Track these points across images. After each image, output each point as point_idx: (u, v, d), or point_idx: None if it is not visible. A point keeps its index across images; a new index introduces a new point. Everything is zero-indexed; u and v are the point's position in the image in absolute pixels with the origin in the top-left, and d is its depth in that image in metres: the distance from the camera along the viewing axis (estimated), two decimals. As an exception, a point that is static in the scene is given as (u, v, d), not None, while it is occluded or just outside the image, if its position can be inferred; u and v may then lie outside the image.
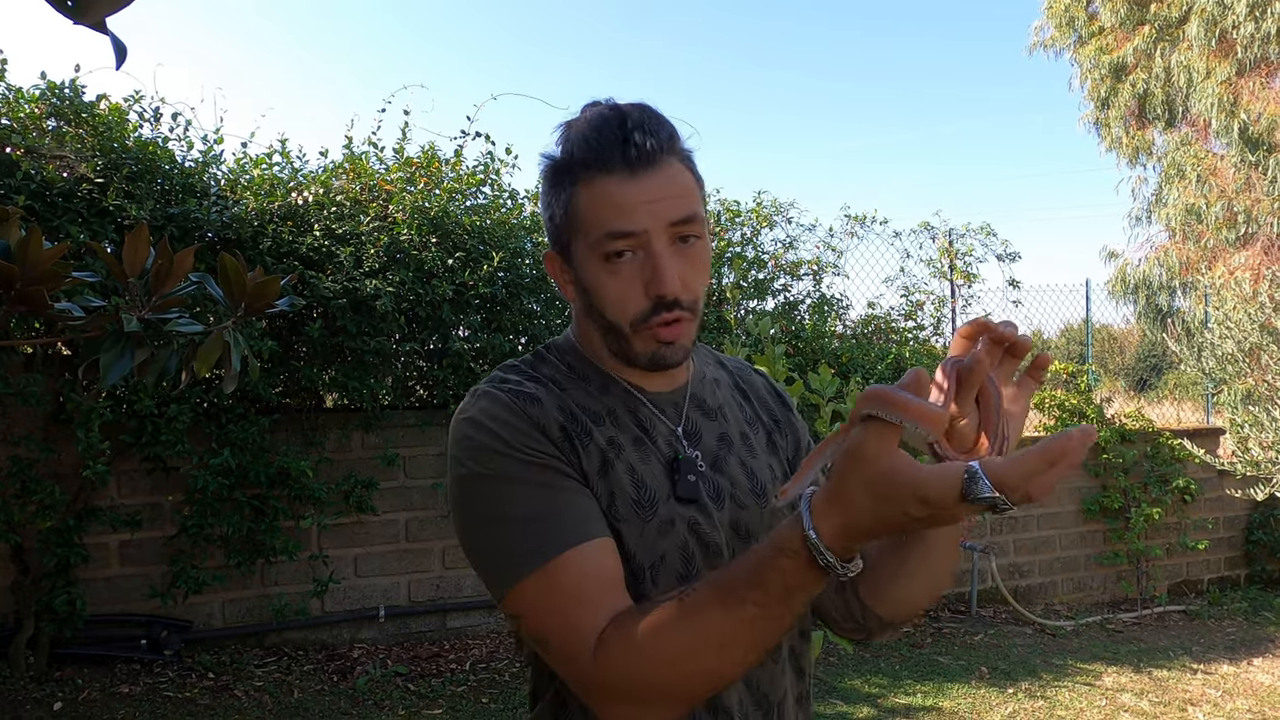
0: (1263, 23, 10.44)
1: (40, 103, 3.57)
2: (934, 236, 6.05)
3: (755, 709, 0.90)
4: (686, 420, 0.95)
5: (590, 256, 0.87)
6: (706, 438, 0.95)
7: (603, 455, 0.87)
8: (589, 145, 0.85)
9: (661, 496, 0.88)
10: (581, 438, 0.87)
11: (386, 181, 4.18)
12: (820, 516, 0.64)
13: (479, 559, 0.84)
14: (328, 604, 4.15)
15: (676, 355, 0.89)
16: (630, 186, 0.84)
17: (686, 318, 0.88)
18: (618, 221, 0.84)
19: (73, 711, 3.29)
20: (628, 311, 0.87)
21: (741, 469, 0.95)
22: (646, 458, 0.90)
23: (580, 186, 0.86)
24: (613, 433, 0.89)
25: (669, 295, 0.85)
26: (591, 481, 0.85)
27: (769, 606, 0.68)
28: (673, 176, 0.86)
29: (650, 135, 0.84)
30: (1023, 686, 4.06)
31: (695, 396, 0.97)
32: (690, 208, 0.86)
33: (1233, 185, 11.46)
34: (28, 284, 1.20)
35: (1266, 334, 4.45)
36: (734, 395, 1.03)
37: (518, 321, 4.26)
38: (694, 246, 0.87)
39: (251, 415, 3.83)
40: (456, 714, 3.50)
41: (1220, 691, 4.08)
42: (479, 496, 0.83)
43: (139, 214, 3.41)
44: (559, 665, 0.79)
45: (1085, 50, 13.02)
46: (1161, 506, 5.72)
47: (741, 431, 0.99)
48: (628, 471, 0.87)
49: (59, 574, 3.50)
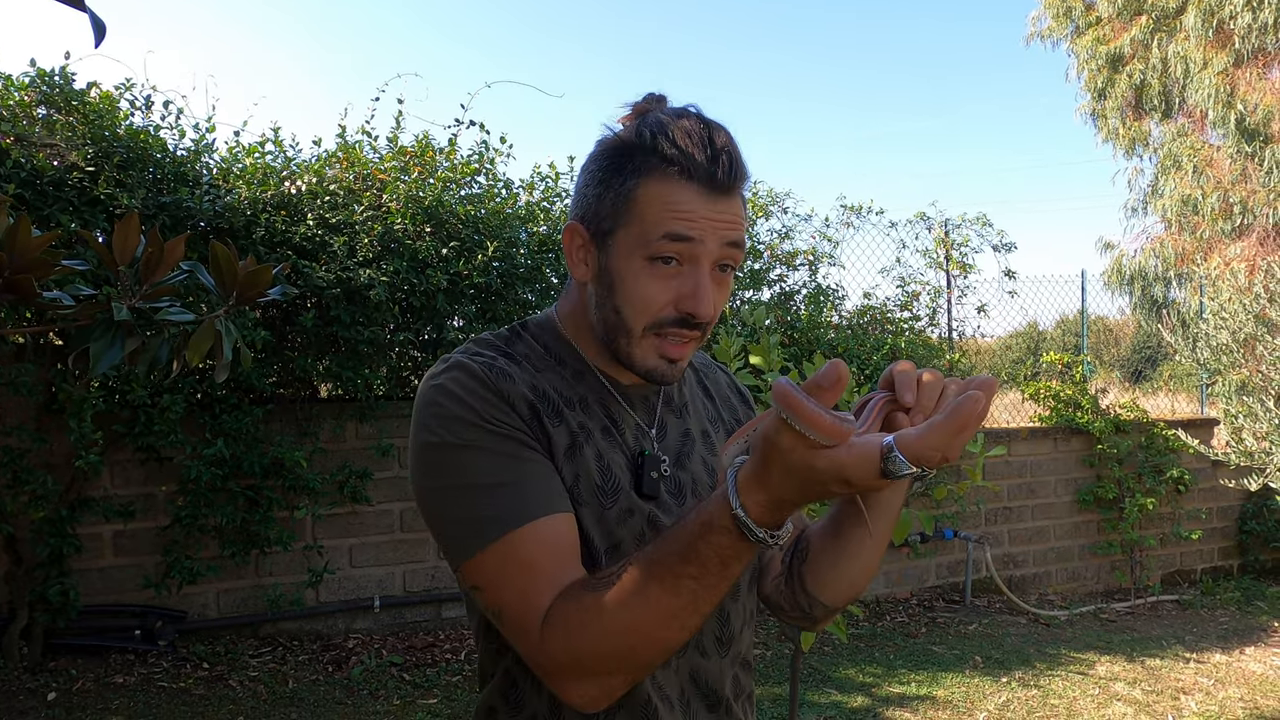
0: (1260, 13, 10.42)
1: (30, 90, 3.54)
2: (930, 227, 6.04)
3: (699, 699, 0.91)
4: (658, 416, 0.95)
5: (634, 250, 0.85)
6: (671, 434, 0.96)
7: (572, 437, 0.87)
8: (677, 144, 0.83)
9: (624, 487, 0.88)
10: (551, 417, 0.86)
11: (380, 171, 4.16)
12: (746, 493, 0.65)
13: (440, 526, 0.83)
14: (322, 594, 4.15)
15: (674, 374, 0.89)
16: (703, 202, 0.83)
17: (698, 339, 0.88)
18: (681, 226, 0.83)
19: (67, 702, 3.29)
20: (648, 314, 0.85)
21: (703, 466, 0.96)
22: (613, 447, 0.90)
23: (652, 179, 0.84)
24: (583, 418, 0.89)
25: (700, 316, 0.85)
26: (558, 461, 0.85)
27: (706, 579, 0.70)
28: (737, 206, 0.86)
29: (735, 162, 0.84)
30: (1016, 676, 4.08)
31: (666, 393, 0.98)
32: (743, 236, 0.87)
33: (1229, 176, 11.47)
34: (16, 272, 1.19)
35: (1261, 325, 4.45)
36: (698, 392, 1.04)
37: (512, 311, 4.24)
38: (728, 277, 0.88)
39: (245, 405, 3.81)
40: (451, 704, 3.50)
41: (1213, 680, 4.10)
42: (444, 464, 0.82)
43: (130, 202, 3.38)
44: (512, 638, 0.79)
45: (1082, 41, 13.00)
46: (1155, 497, 5.74)
47: (703, 429, 1.00)
48: (595, 457, 0.87)
49: (52, 564, 3.49)
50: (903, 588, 5.33)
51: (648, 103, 0.90)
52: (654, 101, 0.90)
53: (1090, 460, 5.79)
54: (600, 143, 0.90)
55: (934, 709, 3.65)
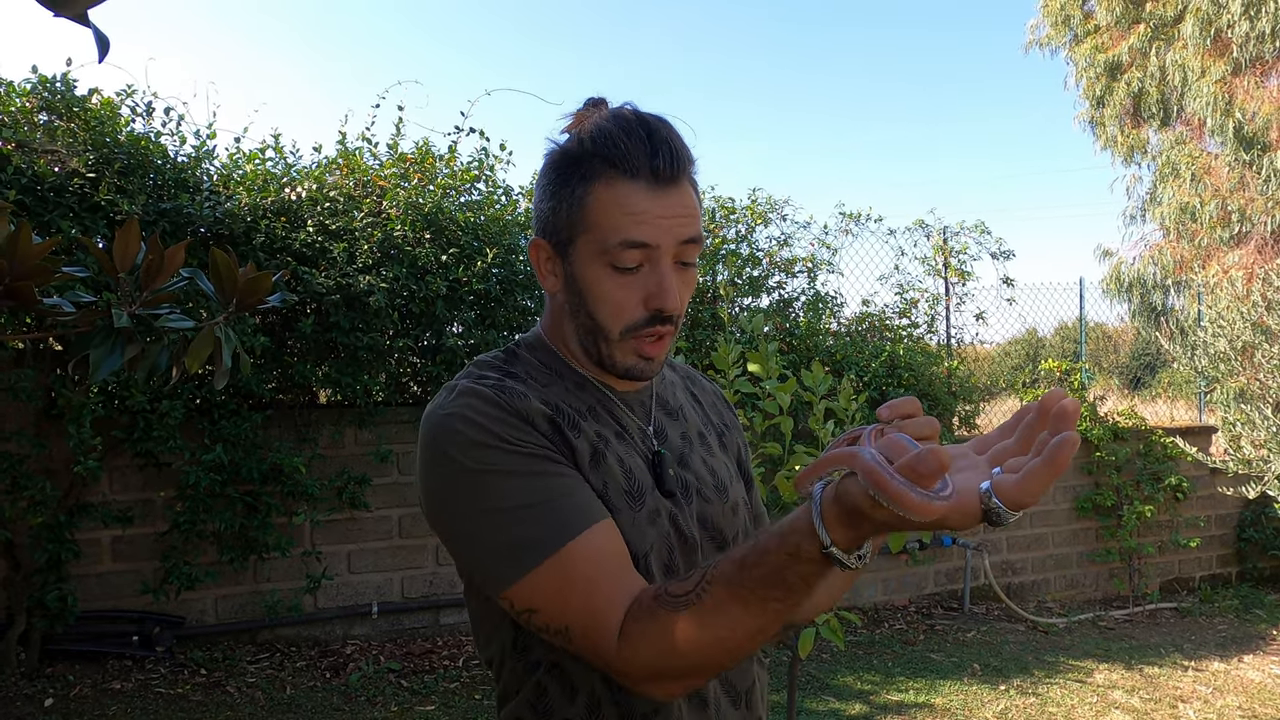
0: (1258, 21, 10.47)
1: (31, 97, 3.55)
2: (929, 234, 6.05)
3: (726, 698, 0.93)
4: (654, 420, 0.97)
5: (594, 258, 0.86)
6: (672, 436, 0.97)
7: (594, 446, 0.88)
8: (615, 146, 0.84)
9: (648, 487, 0.90)
10: (571, 429, 0.87)
11: (380, 177, 4.17)
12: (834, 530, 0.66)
13: (477, 555, 0.82)
14: (320, 600, 4.14)
15: (652, 370, 0.91)
16: (650, 199, 0.84)
17: (671, 333, 0.90)
18: (636, 231, 0.84)
19: (64, 708, 3.28)
20: (621, 319, 0.87)
21: (704, 465, 0.98)
22: (630, 451, 0.91)
23: (599, 183, 0.85)
24: (598, 427, 0.90)
25: (669, 311, 0.86)
26: (584, 471, 0.85)
27: (790, 599, 0.71)
28: (687, 196, 0.87)
29: (676, 152, 0.85)
30: (1015, 683, 4.07)
31: (659, 397, 1.00)
32: (698, 230, 0.88)
33: (1227, 184, 11.50)
34: (16, 278, 1.19)
35: (1259, 332, 4.46)
36: (687, 398, 1.06)
37: (512, 318, 4.25)
38: (690, 270, 0.90)
39: (244, 411, 3.82)
40: (449, 710, 3.50)
41: (1211, 688, 4.10)
42: (476, 492, 0.81)
43: (131, 209, 3.39)
44: (584, 652, 0.79)
45: (1081, 48, 13.05)
46: (1154, 504, 5.74)
47: (699, 431, 1.02)
48: (618, 462, 0.88)
49: (50, 570, 3.49)
50: (901, 595, 5.33)
51: (587, 109, 0.91)
52: (593, 107, 0.91)
53: (1089, 468, 5.79)
54: (547, 156, 0.91)
55: (932, 717, 3.65)
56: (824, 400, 2.46)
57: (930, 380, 5.24)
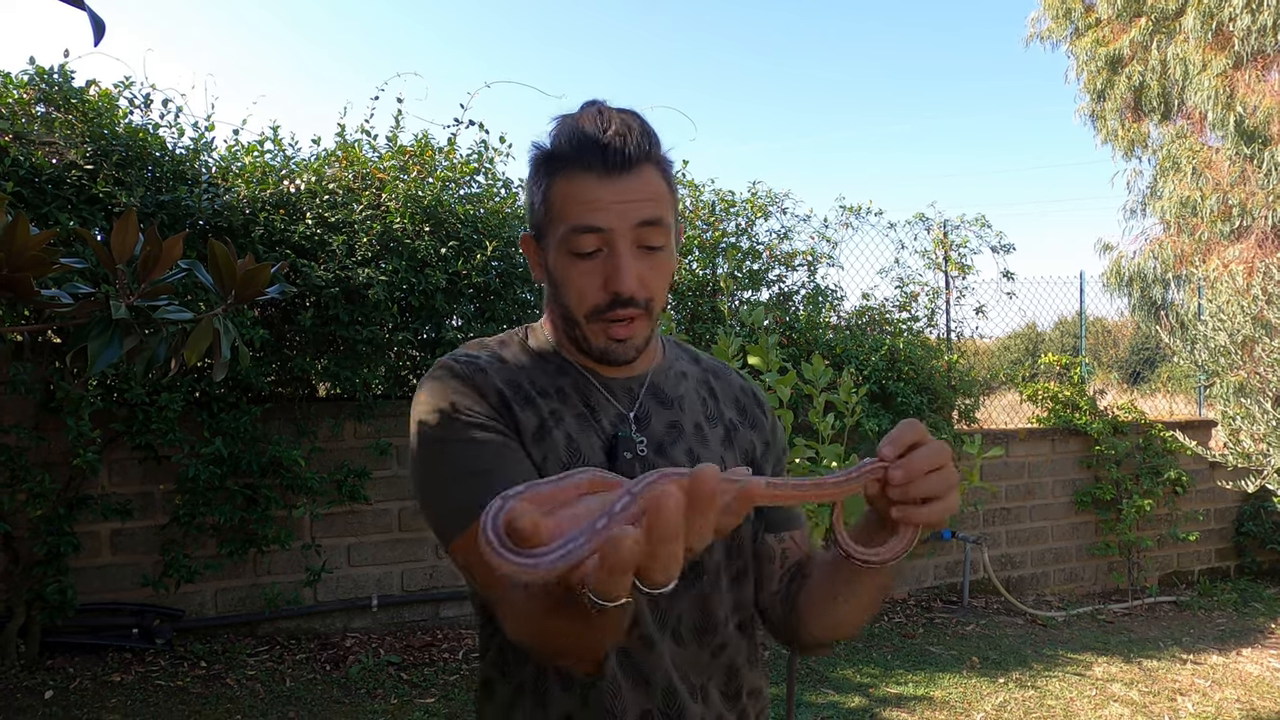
0: (1259, 15, 10.43)
1: (29, 88, 3.53)
2: (929, 228, 6.04)
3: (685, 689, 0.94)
4: (639, 406, 0.99)
5: (559, 247, 0.91)
6: (655, 424, 0.99)
7: (541, 422, 0.93)
8: (571, 142, 0.90)
9: (593, 465, 0.92)
10: (520, 404, 0.92)
11: (379, 170, 4.16)
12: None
13: (429, 514, 0.89)
14: (320, 593, 4.15)
15: (626, 352, 0.94)
16: (602, 187, 0.88)
17: (639, 315, 0.92)
18: (586, 217, 0.88)
19: (64, 700, 3.29)
20: (585, 303, 0.92)
21: (687, 456, 0.98)
22: (586, 432, 0.95)
23: (558, 179, 0.90)
24: (557, 406, 0.95)
25: (625, 293, 0.89)
26: (526, 445, 0.91)
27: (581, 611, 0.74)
28: (645, 182, 0.90)
29: (628, 140, 0.88)
30: (1014, 676, 4.08)
31: (654, 385, 1.01)
32: (656, 212, 0.90)
33: (1228, 178, 11.48)
34: (14, 270, 1.19)
35: (1259, 327, 4.46)
36: (699, 390, 1.06)
37: (511, 311, 4.24)
38: (657, 254, 0.91)
39: (243, 404, 3.81)
40: (449, 703, 3.50)
41: (1209, 681, 4.11)
42: (428, 456, 0.89)
43: (129, 201, 3.38)
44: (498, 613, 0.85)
45: (1082, 42, 13.00)
46: (1153, 498, 5.74)
47: (697, 423, 1.02)
48: (565, 439, 0.93)
49: (50, 562, 3.49)
50: (900, 588, 5.34)
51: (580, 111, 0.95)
52: (587, 108, 0.95)
53: (1088, 461, 5.79)
54: (530, 156, 0.97)
55: (931, 709, 3.66)
56: (824, 393, 2.46)
57: (930, 374, 5.24)
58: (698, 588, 0.95)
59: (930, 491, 0.72)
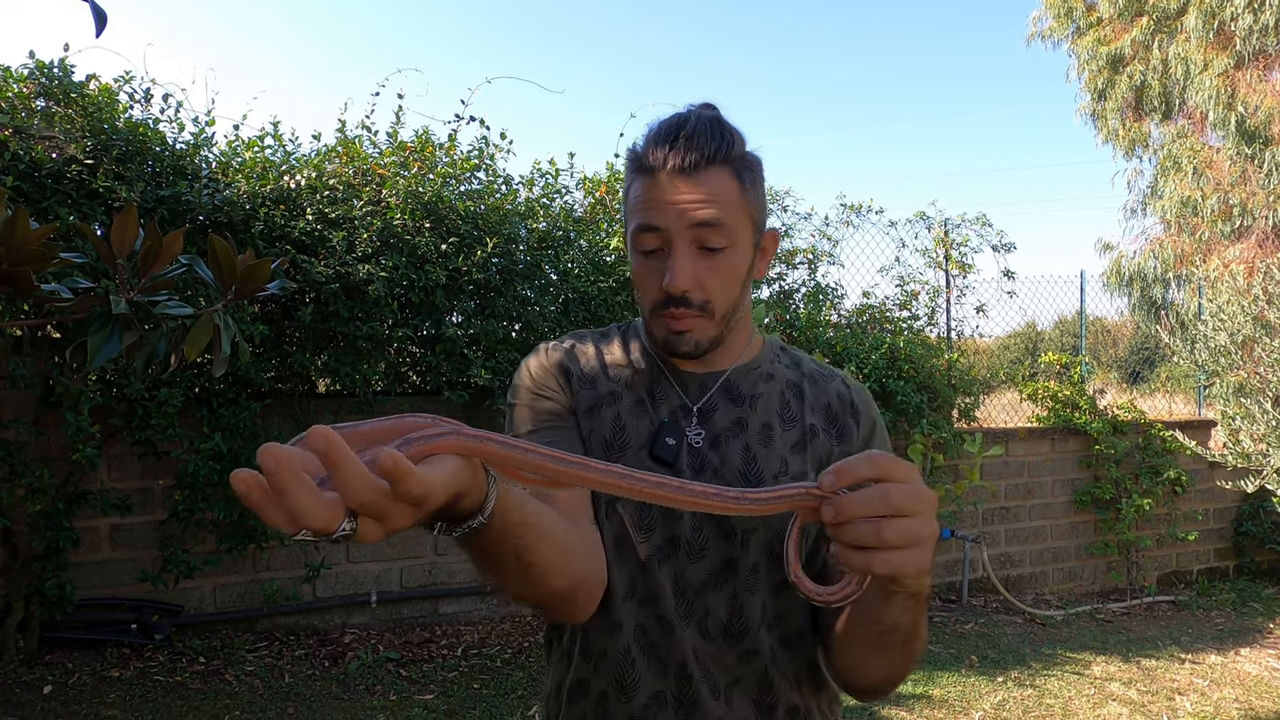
0: (1261, 15, 10.42)
1: (29, 82, 3.52)
2: (930, 226, 6.03)
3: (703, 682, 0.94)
4: (707, 400, 1.01)
5: (630, 244, 0.96)
6: (719, 419, 1.00)
7: (596, 401, 1.00)
8: (647, 142, 0.93)
9: (634, 447, 0.97)
10: (580, 382, 1.01)
11: (380, 166, 4.15)
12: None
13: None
14: (319, 589, 4.15)
15: (685, 346, 0.96)
16: (665, 187, 0.91)
17: (695, 315, 0.94)
18: (646, 216, 0.92)
19: (63, 695, 3.28)
20: (646, 300, 0.96)
21: (743, 453, 0.98)
22: (638, 416, 1.00)
23: (635, 178, 0.95)
24: (618, 389, 1.01)
25: (674, 292, 0.92)
26: (579, 416, 0.99)
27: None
28: (710, 183, 0.91)
29: (697, 142, 0.90)
30: (1012, 675, 4.08)
31: (730, 382, 1.03)
32: (715, 213, 0.91)
33: (1228, 178, 11.47)
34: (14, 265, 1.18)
35: (1259, 327, 4.46)
36: (786, 392, 1.05)
37: (511, 308, 4.24)
38: (717, 255, 0.92)
39: (243, 400, 3.81)
40: (448, 700, 3.50)
41: (1208, 681, 4.11)
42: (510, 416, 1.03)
43: (129, 196, 3.37)
44: None
45: (1083, 41, 12.99)
46: (1152, 498, 5.74)
47: (766, 423, 1.01)
48: (614, 418, 0.99)
49: (49, 558, 3.49)
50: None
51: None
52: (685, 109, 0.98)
53: (1087, 461, 5.79)
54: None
55: (929, 708, 3.66)
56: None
57: (930, 372, 5.24)
58: (730, 587, 0.94)
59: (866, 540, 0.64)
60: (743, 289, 0.98)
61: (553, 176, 4.83)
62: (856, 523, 0.64)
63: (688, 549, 0.95)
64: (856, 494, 0.65)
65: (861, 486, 0.66)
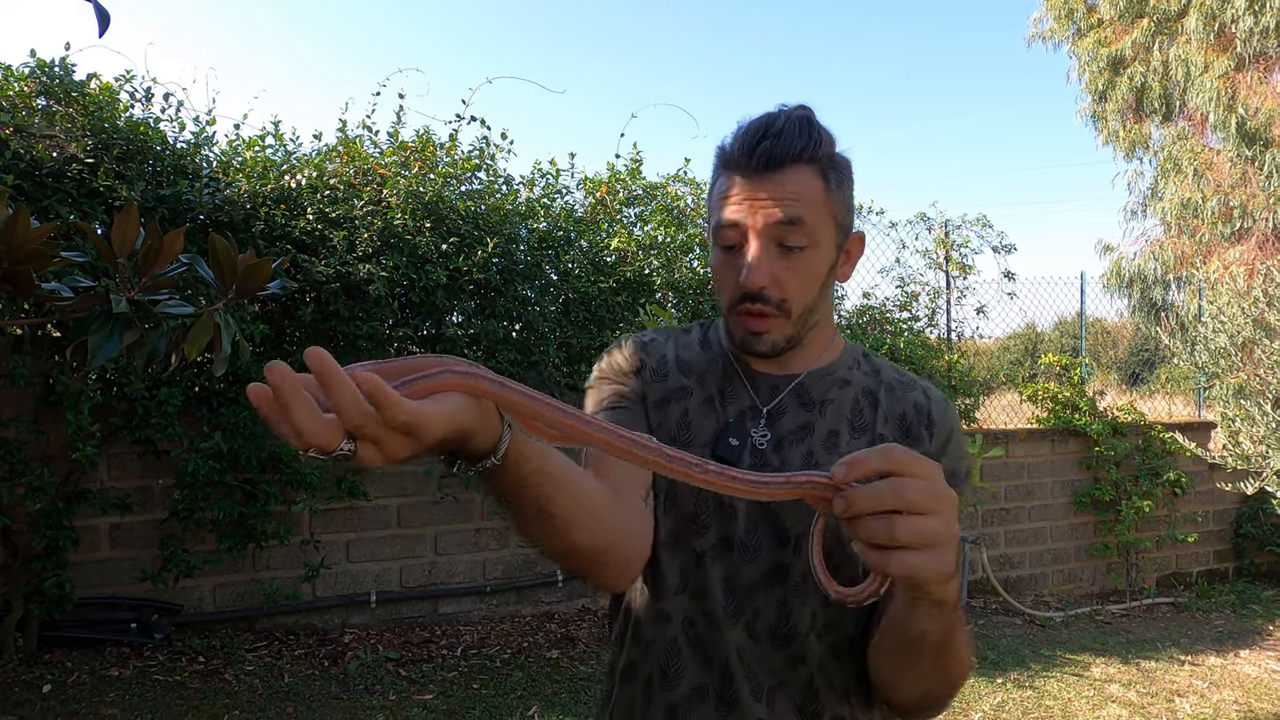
0: (1262, 16, 10.42)
1: (30, 81, 3.52)
2: (930, 227, 6.03)
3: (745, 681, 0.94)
4: (777, 402, 1.00)
5: (712, 239, 0.97)
6: (786, 422, 1.00)
7: (666, 394, 1.02)
8: (735, 141, 0.94)
9: (697, 444, 0.98)
10: (652, 375, 1.03)
11: (380, 165, 4.15)
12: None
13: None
14: (319, 589, 4.14)
15: (762, 346, 0.96)
16: (746, 184, 0.91)
17: (771, 313, 0.94)
18: (727, 212, 0.93)
19: (62, 694, 3.28)
20: (725, 295, 0.96)
21: (805, 458, 0.97)
22: (706, 413, 1.00)
23: (720, 175, 0.96)
24: (690, 384, 1.02)
25: (749, 287, 0.92)
26: (648, 408, 1.01)
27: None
28: (792, 181, 0.91)
29: (783, 140, 0.90)
30: (1011, 676, 4.08)
31: (803, 385, 1.02)
32: (796, 212, 0.90)
33: (1229, 180, 11.48)
34: (15, 263, 1.18)
35: (1259, 329, 4.46)
36: (861, 399, 1.02)
37: (511, 308, 4.24)
38: (796, 254, 0.92)
39: (243, 399, 3.80)
40: (448, 700, 3.50)
41: (1207, 683, 4.11)
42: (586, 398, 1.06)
43: (129, 195, 3.37)
44: None
45: (1084, 43, 13.00)
46: (1152, 499, 5.74)
47: (834, 429, 0.99)
48: (681, 414, 1.00)
49: (48, 556, 3.49)
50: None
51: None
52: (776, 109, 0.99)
53: (1087, 462, 5.79)
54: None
55: (929, 709, 3.66)
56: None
57: (930, 374, 5.24)
58: (780, 591, 0.94)
59: (878, 537, 0.62)
60: (822, 290, 0.97)
61: (553, 177, 4.84)
62: (869, 519, 0.62)
63: (741, 549, 0.95)
64: (867, 487, 0.63)
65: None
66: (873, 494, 0.62)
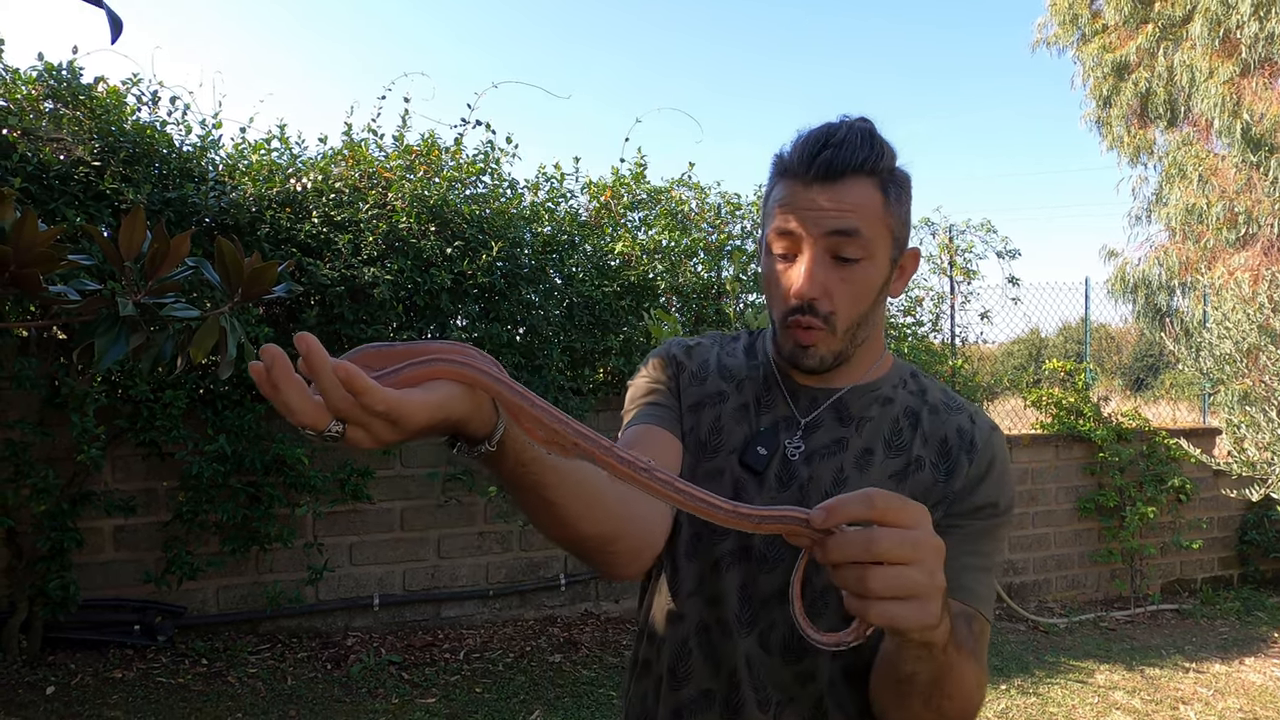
0: (1267, 22, 10.41)
1: (37, 84, 3.54)
2: (934, 232, 6.03)
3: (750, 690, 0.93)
4: (815, 415, 0.99)
5: (765, 247, 0.96)
6: (821, 435, 0.98)
7: (701, 399, 1.02)
8: (794, 149, 0.93)
9: (726, 450, 0.98)
10: (690, 378, 1.04)
11: (386, 169, 4.16)
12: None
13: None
14: (322, 592, 4.15)
15: (810, 361, 0.95)
16: (801, 193, 0.90)
17: (819, 326, 0.92)
18: (782, 220, 0.92)
19: (65, 696, 3.29)
20: (779, 306, 0.95)
21: (834, 473, 0.96)
22: (739, 421, 1.00)
23: (776, 183, 0.95)
24: (728, 390, 1.02)
25: (798, 297, 0.91)
26: (683, 409, 1.02)
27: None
28: (850, 192, 0.89)
29: (843, 151, 0.89)
30: (1015, 683, 4.07)
31: (843, 400, 1.00)
32: (851, 223, 0.89)
33: (1234, 186, 11.46)
34: (21, 266, 1.19)
35: (1265, 335, 4.45)
36: (902, 419, 0.99)
37: (516, 312, 4.24)
38: (850, 266, 0.91)
39: (248, 402, 3.81)
40: (450, 703, 3.50)
41: (1212, 690, 4.09)
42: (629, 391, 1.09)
43: (136, 198, 3.39)
44: None
45: (1088, 48, 13.00)
46: (1156, 505, 5.73)
47: (868, 447, 0.97)
48: (714, 418, 1.00)
49: (53, 558, 3.50)
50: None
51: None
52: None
53: (1091, 468, 5.78)
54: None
55: (932, 715, 3.65)
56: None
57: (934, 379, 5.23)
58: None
59: (852, 588, 0.61)
60: (874, 305, 0.95)
61: (558, 180, 4.85)
62: (844, 567, 0.61)
63: (759, 559, 0.94)
64: (841, 537, 0.61)
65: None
66: (845, 545, 0.61)
